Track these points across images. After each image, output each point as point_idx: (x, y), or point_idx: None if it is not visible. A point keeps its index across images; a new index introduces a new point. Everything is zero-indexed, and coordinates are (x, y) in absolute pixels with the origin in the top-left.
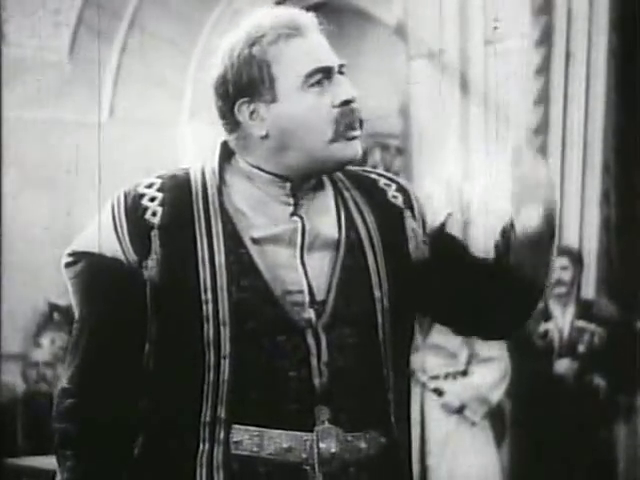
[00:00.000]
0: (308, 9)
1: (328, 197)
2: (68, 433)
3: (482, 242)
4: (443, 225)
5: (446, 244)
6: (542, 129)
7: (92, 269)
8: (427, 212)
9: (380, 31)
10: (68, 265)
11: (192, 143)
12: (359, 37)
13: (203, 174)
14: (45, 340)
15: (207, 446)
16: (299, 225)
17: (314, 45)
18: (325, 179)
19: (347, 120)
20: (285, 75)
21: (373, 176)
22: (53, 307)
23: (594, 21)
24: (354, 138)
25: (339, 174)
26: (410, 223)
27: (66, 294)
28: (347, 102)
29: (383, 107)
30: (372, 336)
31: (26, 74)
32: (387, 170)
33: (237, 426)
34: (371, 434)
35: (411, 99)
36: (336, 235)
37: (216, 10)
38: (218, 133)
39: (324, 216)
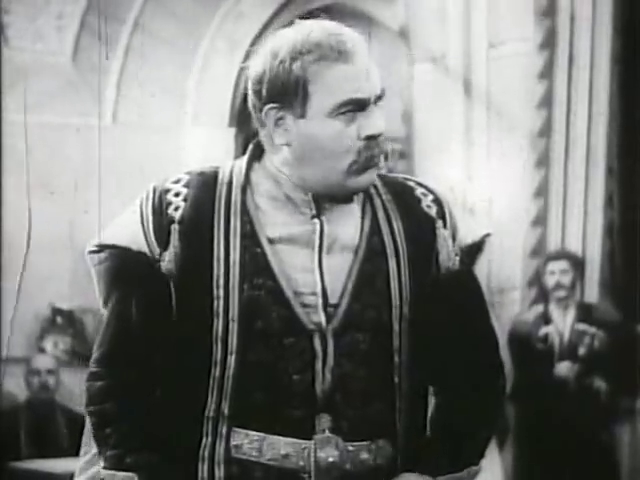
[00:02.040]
0: (312, 12)
1: (353, 202)
2: (106, 413)
3: (469, 239)
4: (477, 246)
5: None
6: (545, 133)
7: (118, 260)
8: (460, 228)
9: (383, 35)
10: (92, 252)
11: (195, 146)
12: None
13: (231, 172)
14: (48, 344)
15: (209, 440)
16: (317, 227)
17: (356, 73)
18: None
19: (369, 153)
20: (319, 96)
21: (411, 184)
22: (56, 311)
23: (597, 25)
24: (372, 167)
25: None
26: (442, 233)
27: (69, 298)
28: (373, 137)
29: (386, 111)
30: (385, 343)
31: (29, 78)
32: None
33: (238, 429)
34: (378, 444)
35: (414, 103)
36: (356, 240)
37: (219, 13)
38: (221, 136)
39: (346, 220)
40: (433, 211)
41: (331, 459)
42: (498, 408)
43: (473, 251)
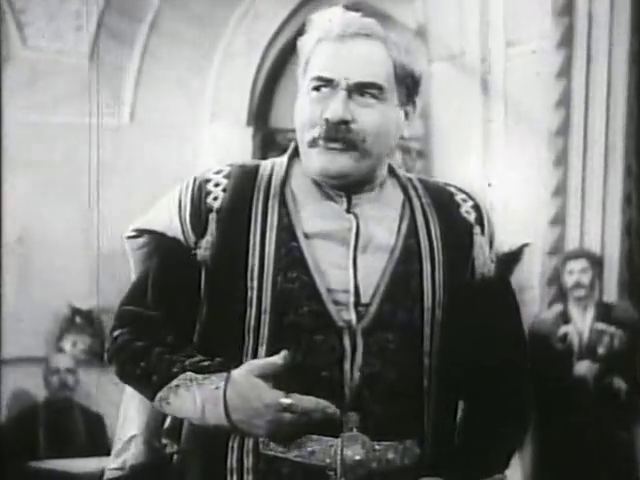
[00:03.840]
0: None
1: (390, 202)
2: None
3: (506, 246)
4: (514, 255)
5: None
6: (563, 132)
7: (154, 244)
8: (498, 235)
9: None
10: (130, 238)
11: (213, 145)
12: None
13: (272, 167)
14: (67, 344)
15: None
16: (354, 224)
17: (335, 53)
18: (394, 184)
19: (330, 134)
20: (307, 73)
21: (451, 189)
22: (75, 311)
23: (615, 23)
24: (336, 150)
25: (415, 182)
26: (479, 239)
27: (88, 298)
28: (328, 120)
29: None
30: (415, 345)
31: (47, 78)
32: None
33: None
34: (405, 445)
35: (432, 101)
36: (392, 241)
37: (237, 12)
38: (239, 135)
39: (382, 220)
40: (472, 217)
41: (357, 457)
42: (526, 417)
43: (510, 260)
